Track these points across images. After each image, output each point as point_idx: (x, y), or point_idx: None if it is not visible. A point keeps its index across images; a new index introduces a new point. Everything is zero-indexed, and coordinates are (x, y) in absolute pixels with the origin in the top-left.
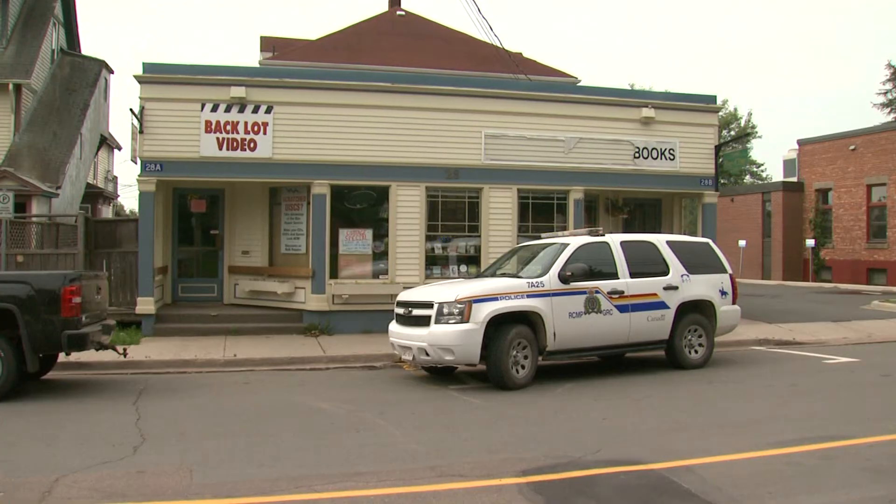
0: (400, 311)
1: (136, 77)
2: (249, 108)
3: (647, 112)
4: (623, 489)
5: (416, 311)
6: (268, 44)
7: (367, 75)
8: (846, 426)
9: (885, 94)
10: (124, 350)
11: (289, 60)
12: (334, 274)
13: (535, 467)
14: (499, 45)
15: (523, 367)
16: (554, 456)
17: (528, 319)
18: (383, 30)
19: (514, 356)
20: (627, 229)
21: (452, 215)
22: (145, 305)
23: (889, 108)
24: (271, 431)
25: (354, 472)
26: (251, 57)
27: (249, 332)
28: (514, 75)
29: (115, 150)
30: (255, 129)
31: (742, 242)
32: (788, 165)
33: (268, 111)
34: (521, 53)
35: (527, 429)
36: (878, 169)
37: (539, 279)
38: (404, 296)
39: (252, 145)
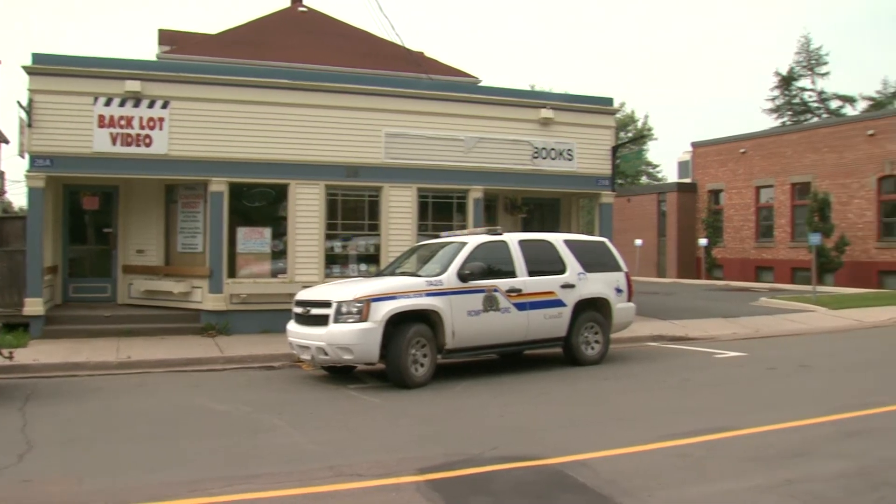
0: (298, 310)
1: (24, 68)
2: (145, 102)
3: (546, 113)
4: (519, 485)
5: (314, 311)
6: (166, 37)
7: (267, 72)
8: (733, 418)
9: (773, 100)
10: (10, 353)
11: (188, 55)
12: (232, 273)
13: (433, 465)
14: (400, 43)
15: (422, 365)
16: (452, 453)
17: (426, 318)
18: (285, 26)
19: (413, 355)
20: (526, 228)
21: (353, 214)
22: (34, 306)
23: (776, 114)
24: (167, 435)
25: (251, 474)
26: (149, 50)
27: (144, 333)
28: (416, 74)
29: (3, 144)
30: (151, 124)
31: (638, 241)
32: (682, 167)
33: (164, 106)
34: (422, 53)
35: (426, 427)
36: (766, 172)
37: (438, 278)
38: (302, 295)
39: (147, 141)
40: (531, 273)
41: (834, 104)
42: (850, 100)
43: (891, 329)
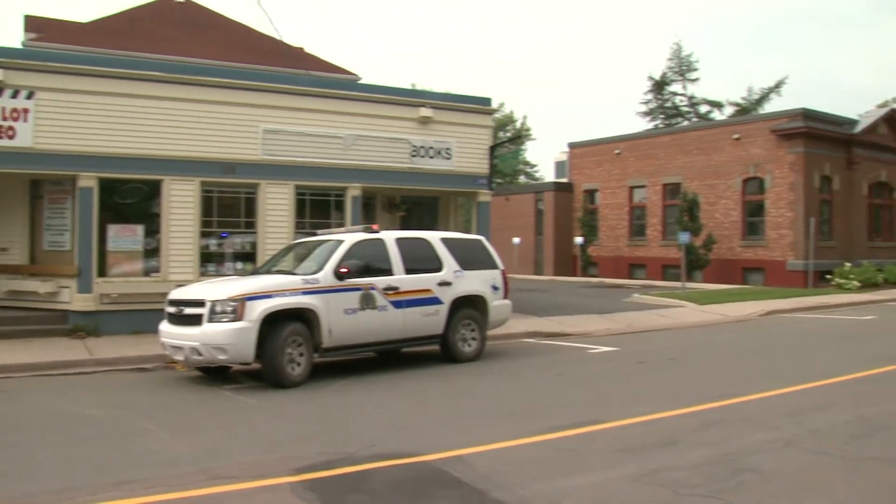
0: (171, 309)
1: None
2: (8, 92)
3: (426, 112)
4: (395, 482)
5: (187, 310)
6: (33, 24)
7: (140, 63)
8: (604, 411)
9: (647, 103)
10: None
11: (56, 43)
12: (102, 272)
13: (308, 465)
14: (279, 38)
15: (299, 364)
16: (328, 453)
17: (303, 316)
18: (161, 17)
19: (289, 354)
20: (405, 227)
21: (229, 211)
22: None
23: (650, 117)
24: (32, 442)
25: (121, 481)
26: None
27: (7, 335)
28: (295, 70)
29: None
30: (15, 115)
31: (516, 240)
32: (559, 167)
33: (29, 97)
34: (302, 49)
35: (302, 427)
36: (639, 172)
37: (314, 276)
38: (176, 294)
39: (10, 133)
40: (408, 271)
41: (703, 109)
42: (718, 105)
43: (753, 323)
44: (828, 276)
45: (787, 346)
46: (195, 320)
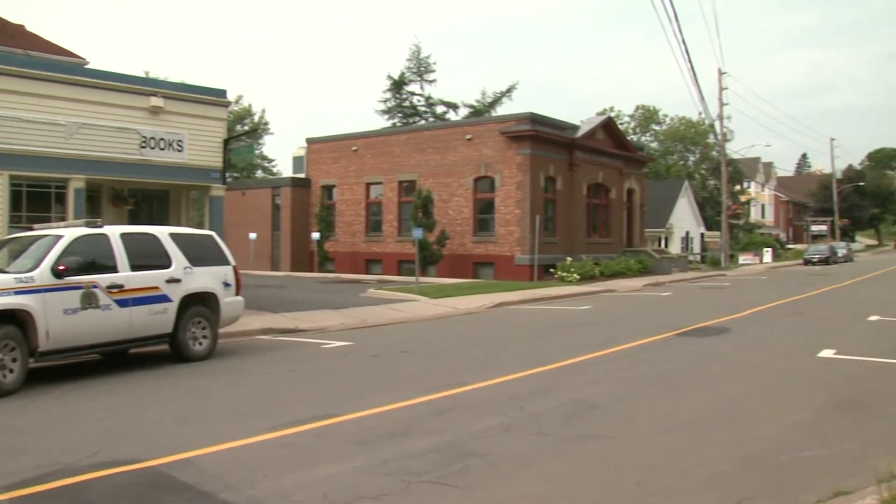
0: None
1: None
2: None
3: (157, 101)
4: (118, 491)
5: None
6: None
7: None
8: (337, 405)
9: (386, 102)
10: None
11: None
12: None
13: (21, 481)
14: None
15: (11, 371)
16: (45, 465)
17: (16, 318)
18: None
19: (0, 360)
20: (134, 221)
21: None
22: None
23: (388, 115)
24: None
25: None
26: None
27: None
28: (12, 49)
29: None
30: None
31: (253, 235)
32: (297, 162)
33: None
34: (23, 26)
35: (15, 439)
36: (376, 169)
37: (29, 274)
38: None
39: None
40: (134, 268)
41: (440, 109)
42: (453, 106)
43: (482, 315)
44: (552, 270)
45: (513, 336)
46: None
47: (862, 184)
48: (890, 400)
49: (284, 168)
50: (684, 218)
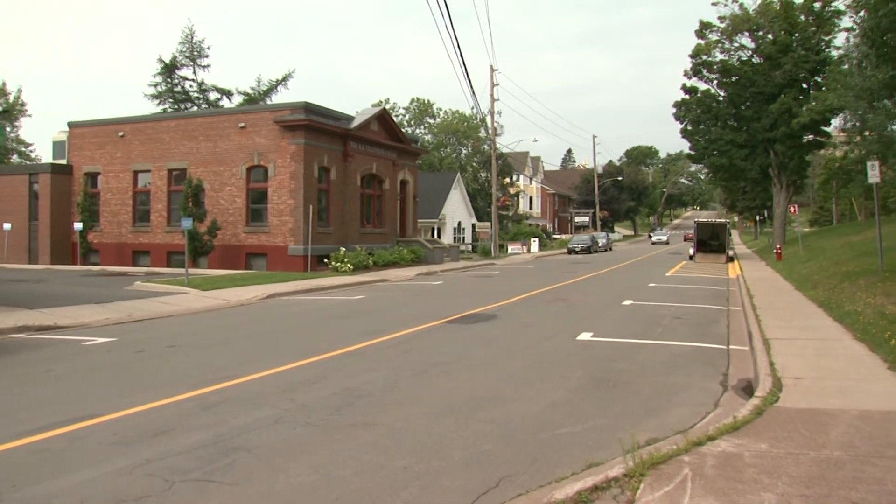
0: None
1: None
2: None
3: None
4: None
5: None
6: None
7: None
8: (98, 405)
9: (156, 86)
10: None
11: None
12: None
13: None
14: None
15: None
16: None
17: None
18: None
19: None
20: None
21: None
22: None
23: (159, 100)
24: None
25: None
26: None
27: None
28: None
29: None
30: None
31: (7, 226)
32: (59, 147)
33: None
34: None
35: None
36: (144, 156)
37: None
38: None
39: None
40: None
41: (213, 96)
42: (227, 93)
43: (255, 306)
44: (326, 261)
45: (285, 326)
46: None
47: (620, 178)
48: (637, 377)
49: (44, 153)
50: (456, 209)
